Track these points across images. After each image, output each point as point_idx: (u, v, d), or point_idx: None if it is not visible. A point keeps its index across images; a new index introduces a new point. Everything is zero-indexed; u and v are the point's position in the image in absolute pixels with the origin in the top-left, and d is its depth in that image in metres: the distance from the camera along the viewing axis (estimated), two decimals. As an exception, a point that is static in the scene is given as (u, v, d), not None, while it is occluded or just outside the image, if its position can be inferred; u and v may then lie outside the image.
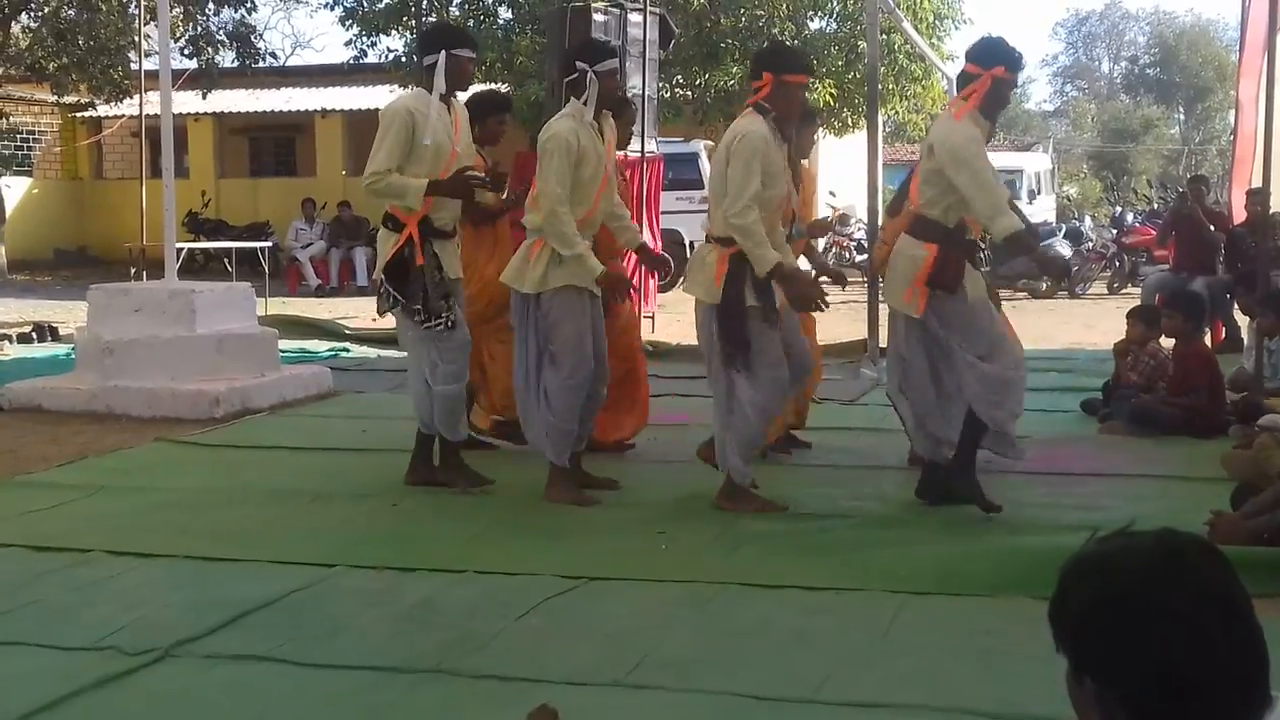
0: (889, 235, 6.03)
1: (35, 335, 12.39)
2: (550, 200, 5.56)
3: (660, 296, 12.96)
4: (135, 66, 18.60)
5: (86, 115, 24.42)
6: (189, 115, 22.99)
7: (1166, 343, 7.71)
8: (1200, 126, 52.38)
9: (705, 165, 18.51)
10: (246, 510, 5.73)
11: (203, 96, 21.69)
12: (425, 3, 18.89)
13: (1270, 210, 9.62)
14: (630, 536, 5.19)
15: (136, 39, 17.81)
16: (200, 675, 3.74)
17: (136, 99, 17.20)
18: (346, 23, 20.69)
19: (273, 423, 8.01)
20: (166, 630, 4.05)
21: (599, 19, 9.65)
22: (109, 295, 8.95)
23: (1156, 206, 22.59)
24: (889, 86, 19.14)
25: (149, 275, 13.35)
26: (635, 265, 8.30)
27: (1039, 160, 30.04)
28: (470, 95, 6.71)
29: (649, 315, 11.69)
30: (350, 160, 23.40)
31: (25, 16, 20.49)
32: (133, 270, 16.07)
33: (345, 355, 11.56)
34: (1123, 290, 17.79)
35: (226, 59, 21.66)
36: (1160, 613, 1.51)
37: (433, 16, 19.08)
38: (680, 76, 19.56)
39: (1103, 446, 7.07)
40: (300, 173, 25.19)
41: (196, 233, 20.99)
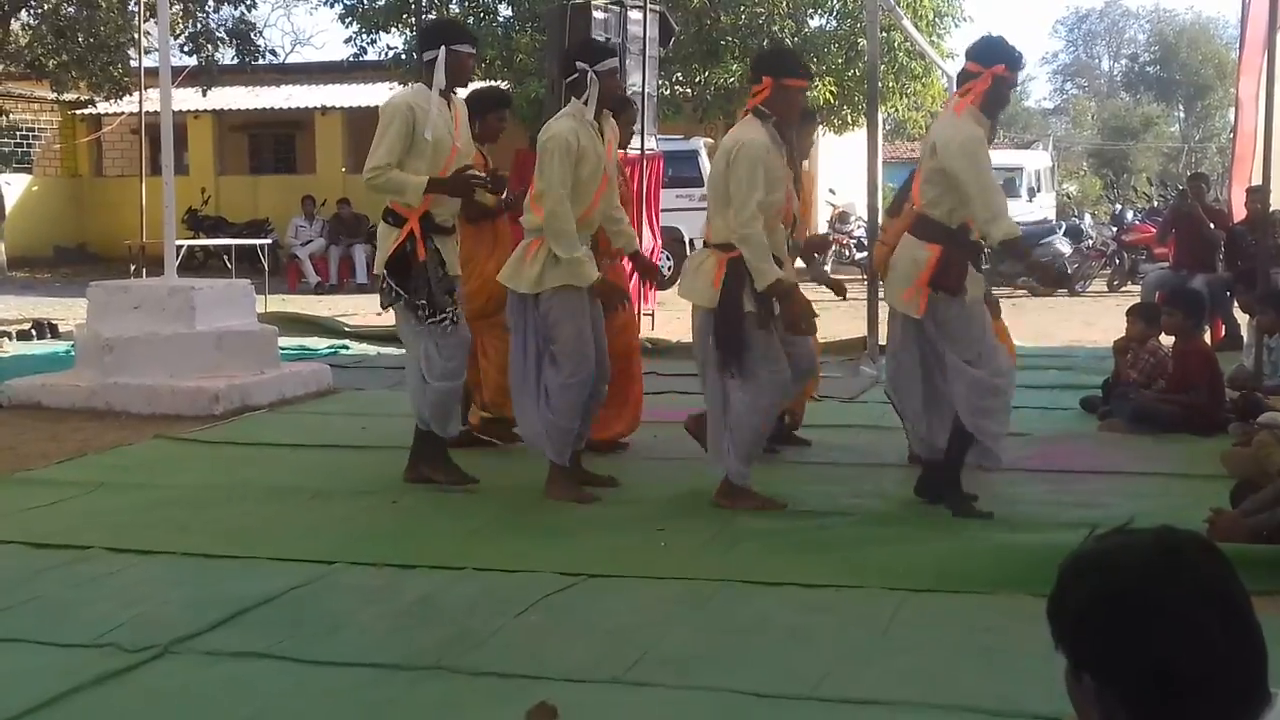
0: (889, 236, 6.00)
1: (35, 332, 12.38)
2: (552, 201, 5.55)
3: (659, 294, 12.96)
4: (135, 63, 18.60)
5: (86, 112, 24.44)
6: (189, 112, 23.01)
7: (1166, 340, 7.71)
8: (1200, 124, 52.37)
9: (705, 163, 18.50)
10: (246, 507, 5.73)
11: (202, 94, 21.69)
12: (425, 0, 18.88)
13: (1270, 208, 9.63)
14: (629, 534, 5.19)
15: (136, 36, 17.81)
16: (200, 672, 3.73)
17: (136, 96, 17.21)
18: (346, 20, 20.68)
19: (272, 420, 8.01)
20: (166, 627, 4.05)
21: (599, 16, 9.63)
22: (108, 292, 8.94)
23: (1156, 204, 22.56)
24: (889, 84, 19.13)
25: (148, 272, 13.34)
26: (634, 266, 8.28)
27: (1039, 158, 30.03)
28: (470, 92, 6.70)
29: (648, 313, 11.71)
30: (350, 157, 23.39)
31: (25, 13, 20.46)
32: (132, 267, 16.06)
33: (345, 352, 11.56)
34: (1122, 288, 17.79)
35: (226, 56, 21.65)
36: (1158, 610, 1.51)
37: (432, 13, 19.06)
38: (680, 74, 19.54)
39: (1102, 444, 7.07)
40: (300, 170, 25.18)
41: (196, 230, 21.00)
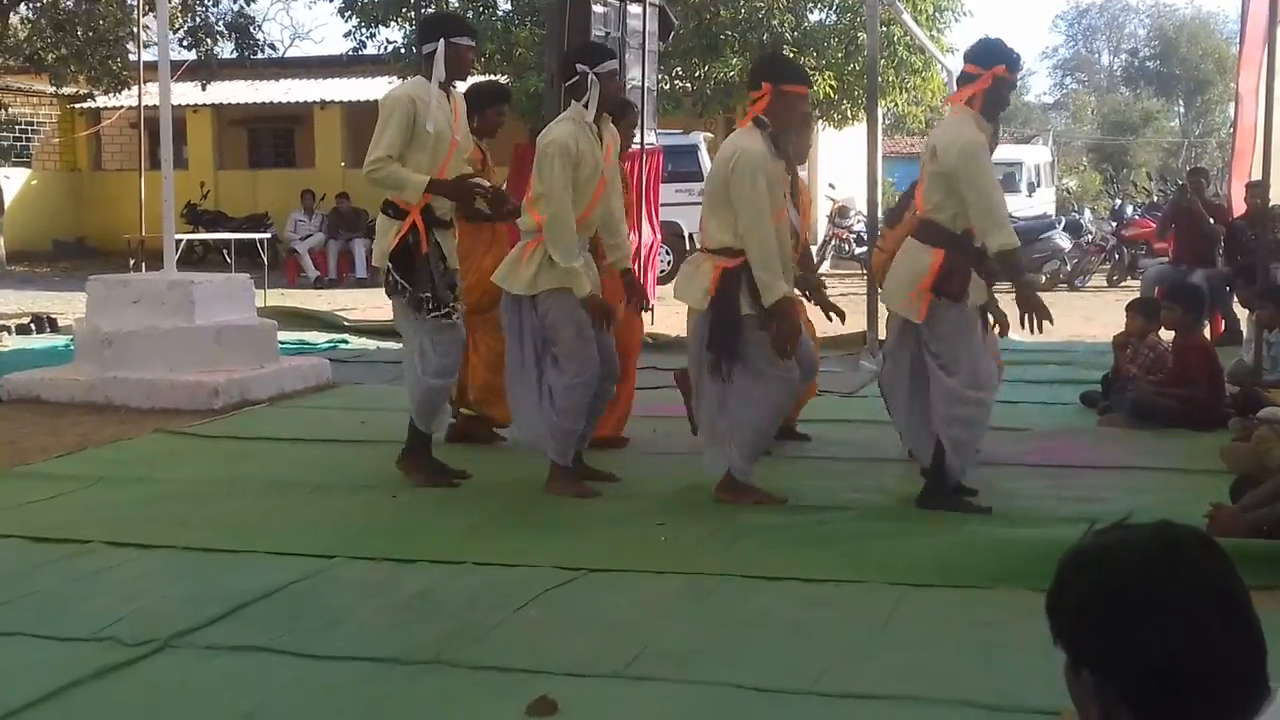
0: (888, 244, 5.97)
1: (34, 326, 12.39)
2: (555, 206, 5.53)
3: (659, 289, 12.94)
4: (134, 57, 18.57)
5: (85, 106, 24.42)
6: (188, 106, 22.99)
7: (1166, 335, 7.71)
8: (1200, 119, 52.32)
9: (705, 157, 18.49)
10: (245, 502, 5.73)
11: (202, 88, 21.68)
12: (424, -6, 18.86)
13: (1270, 203, 9.62)
14: (630, 528, 5.19)
15: (135, 30, 17.78)
16: (199, 666, 3.73)
17: (135, 90, 17.17)
18: (345, 14, 20.66)
19: (272, 414, 8.01)
20: (165, 621, 4.05)
21: (598, 10, 9.60)
22: (108, 286, 8.94)
23: (1156, 199, 22.51)
24: (889, 79, 19.11)
25: (148, 266, 13.33)
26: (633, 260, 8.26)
27: (1039, 153, 30.04)
28: (469, 86, 6.68)
29: (648, 308, 11.68)
30: (349, 152, 23.37)
31: (24, 7, 20.44)
32: (131, 261, 16.04)
33: (344, 347, 11.57)
34: (1122, 283, 17.79)
35: (225, 50, 21.64)
36: (1157, 605, 1.51)
37: (431, 7, 19.03)
38: (680, 68, 19.52)
39: (1102, 439, 7.07)
40: (299, 164, 25.17)
41: (195, 224, 20.98)
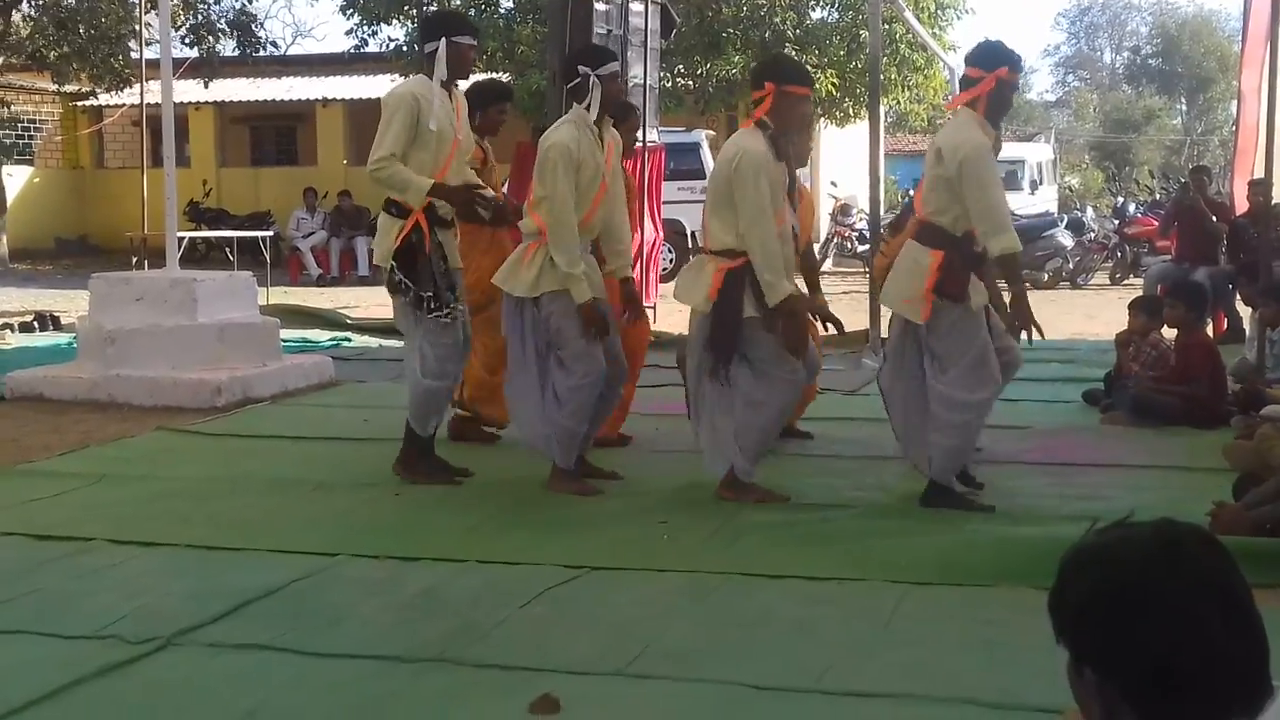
0: (891, 249, 5.97)
1: (37, 324, 12.40)
2: (557, 209, 5.52)
3: (661, 288, 12.94)
4: (136, 55, 18.59)
5: (87, 104, 24.41)
6: (190, 104, 22.99)
7: (1168, 333, 7.71)
8: (1202, 117, 52.29)
9: (707, 155, 18.49)
10: (248, 499, 5.73)
11: (204, 85, 21.69)
12: (426, -8, 18.87)
13: (1272, 200, 9.61)
14: (632, 526, 5.19)
15: (137, 27, 17.77)
16: (202, 664, 3.74)
17: (137, 88, 17.19)
18: (347, 11, 20.68)
19: (274, 412, 8.01)
20: (168, 619, 4.05)
21: (600, 8, 9.61)
22: (110, 284, 8.94)
23: (1158, 197, 22.49)
24: (891, 76, 19.12)
25: (150, 264, 13.33)
26: (635, 258, 8.27)
27: (1041, 151, 30.02)
28: (470, 84, 6.68)
29: (650, 306, 11.69)
30: (351, 150, 23.39)
31: (26, 5, 20.45)
32: (134, 259, 16.06)
33: (346, 345, 11.58)
34: (1125, 281, 17.78)
35: (227, 48, 21.66)
36: (1159, 603, 1.51)
37: (434, 5, 19.03)
38: (682, 66, 19.53)
39: (1104, 437, 7.07)
40: (301, 162, 25.18)
41: (198, 222, 21.00)
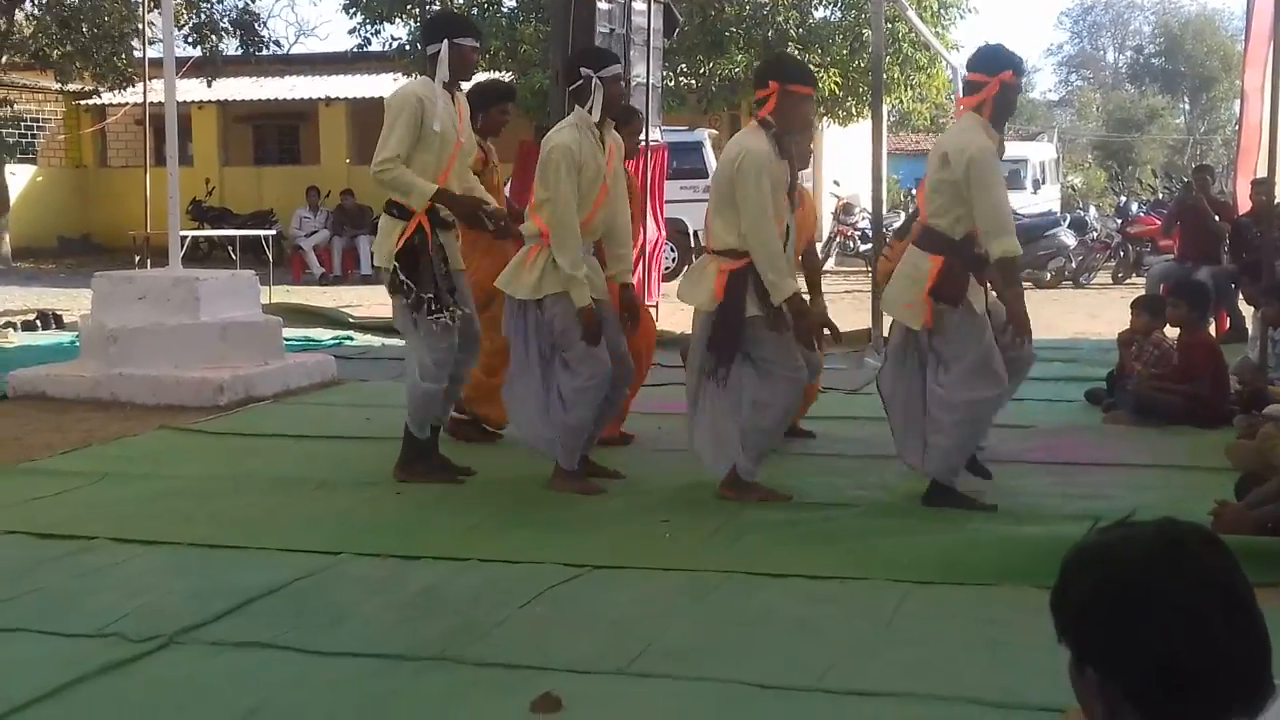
0: (895, 254, 5.96)
1: (39, 323, 12.41)
2: (560, 211, 5.51)
3: (663, 287, 12.94)
4: (139, 54, 18.62)
5: (90, 103, 24.44)
6: (193, 103, 22.99)
7: (1171, 333, 7.71)
8: (1205, 116, 52.25)
9: (709, 154, 18.48)
10: (250, 498, 5.73)
11: (207, 84, 21.70)
12: (429, -10, 18.88)
13: (1275, 200, 9.60)
14: (634, 525, 5.19)
15: (140, 26, 17.81)
16: (204, 662, 3.74)
17: (140, 86, 17.21)
18: (350, 10, 20.67)
19: (277, 411, 8.02)
20: (170, 617, 4.05)
21: (603, 7, 9.60)
22: (113, 283, 8.95)
23: (1161, 196, 22.45)
24: (894, 75, 19.10)
25: (153, 263, 13.34)
26: (637, 260, 8.26)
27: (1044, 150, 30.02)
28: (472, 86, 6.68)
29: (652, 305, 11.68)
30: (354, 148, 23.39)
31: (29, 4, 20.49)
32: (137, 258, 16.07)
33: (349, 343, 11.58)
34: (1127, 280, 17.77)
35: (230, 47, 21.71)
36: (1160, 602, 1.51)
37: (436, 4, 19.04)
38: (684, 65, 19.51)
39: (1107, 436, 7.06)
40: (304, 161, 25.19)
41: (200, 220, 21.01)
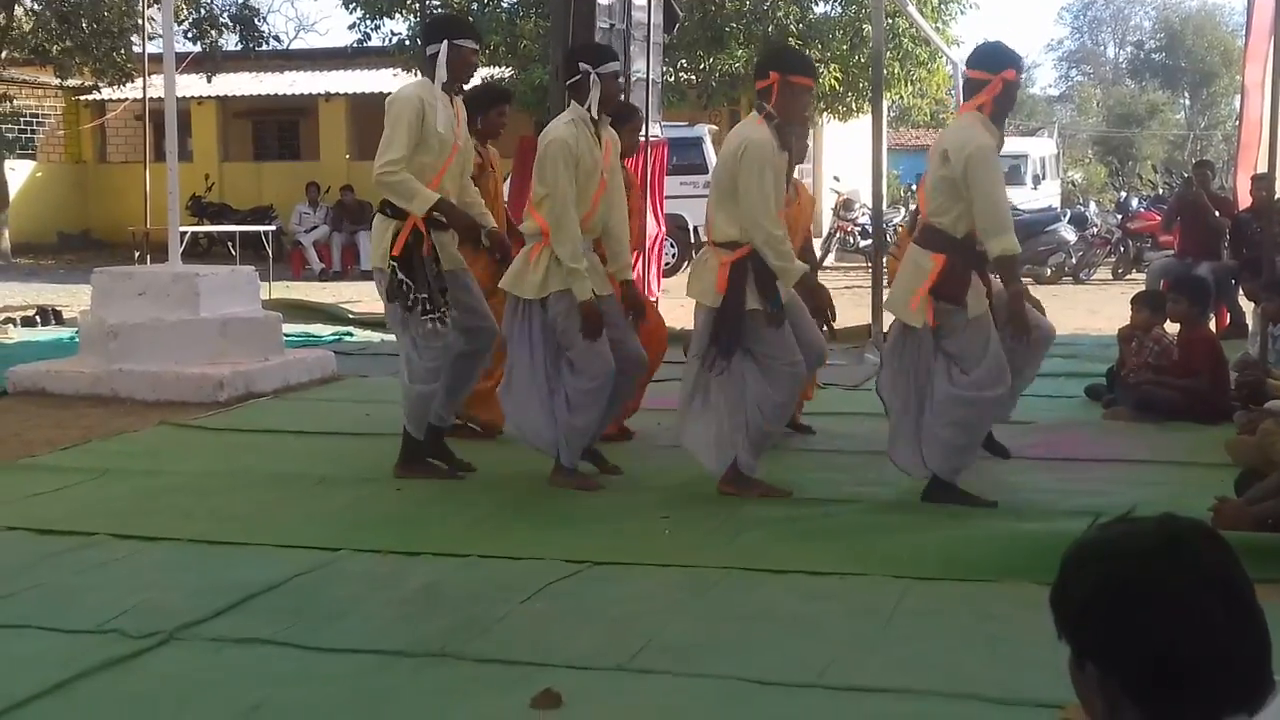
0: (903, 250, 5.96)
1: (39, 319, 12.40)
2: (559, 205, 5.51)
3: (664, 283, 12.94)
4: (138, 49, 18.58)
5: (90, 98, 24.41)
6: (192, 98, 22.96)
7: (1171, 328, 7.71)
8: (1206, 112, 52.20)
9: (709, 150, 18.46)
10: (251, 494, 5.74)
11: (206, 80, 21.67)
12: (429, -14, 18.85)
13: (1275, 195, 9.60)
14: (634, 521, 5.19)
15: (140, 22, 17.78)
16: (204, 658, 3.74)
17: (140, 82, 17.19)
18: (350, 6, 20.64)
19: (277, 406, 8.02)
20: (171, 613, 4.05)
21: (603, 2, 9.57)
22: (113, 279, 8.95)
23: (1161, 192, 22.47)
24: (894, 71, 19.07)
25: (153, 259, 13.35)
26: (638, 255, 8.26)
27: (1044, 145, 30.01)
28: (468, 89, 6.66)
29: (653, 300, 11.68)
30: (354, 144, 23.37)
31: (29, -1, 20.48)
32: (136, 254, 16.05)
33: (349, 339, 11.58)
34: (1127, 276, 17.77)
35: (230, 42, 21.66)
36: (1160, 598, 1.51)
37: (436, 0, 19.02)
38: (684, 60, 19.48)
39: (1107, 432, 7.07)
40: (304, 156, 25.15)
41: (200, 216, 20.99)
